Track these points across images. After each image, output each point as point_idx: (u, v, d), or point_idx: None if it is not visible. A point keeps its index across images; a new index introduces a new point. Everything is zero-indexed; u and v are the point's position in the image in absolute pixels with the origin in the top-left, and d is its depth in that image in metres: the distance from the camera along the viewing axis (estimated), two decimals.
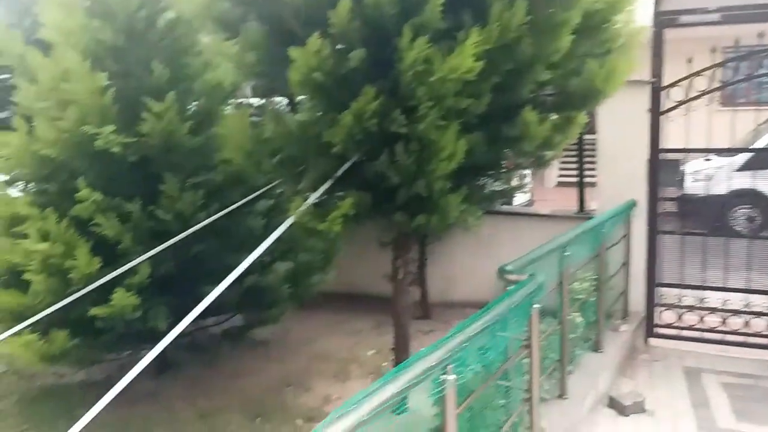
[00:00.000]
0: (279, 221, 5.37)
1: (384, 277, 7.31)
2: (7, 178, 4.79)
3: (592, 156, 6.80)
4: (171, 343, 5.37)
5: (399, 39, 2.95)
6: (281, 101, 4.37)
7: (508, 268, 3.38)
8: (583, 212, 6.96)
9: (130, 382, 5.44)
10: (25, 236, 4.25)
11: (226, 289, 4.53)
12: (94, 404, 5.03)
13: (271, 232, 5.22)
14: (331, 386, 5.39)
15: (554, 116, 3.82)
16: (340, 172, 3.69)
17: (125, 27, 4.28)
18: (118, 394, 5.08)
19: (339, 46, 3.18)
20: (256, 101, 4.86)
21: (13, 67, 4.82)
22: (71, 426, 4.64)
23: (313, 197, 3.72)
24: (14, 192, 4.92)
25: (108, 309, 3.89)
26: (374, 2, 2.90)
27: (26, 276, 3.99)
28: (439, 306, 7.26)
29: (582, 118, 4.21)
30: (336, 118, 3.30)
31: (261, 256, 4.96)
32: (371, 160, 3.51)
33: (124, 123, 4.14)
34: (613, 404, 4.78)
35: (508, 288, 3.24)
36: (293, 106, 4.24)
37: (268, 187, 4.26)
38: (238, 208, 4.67)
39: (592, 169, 6.95)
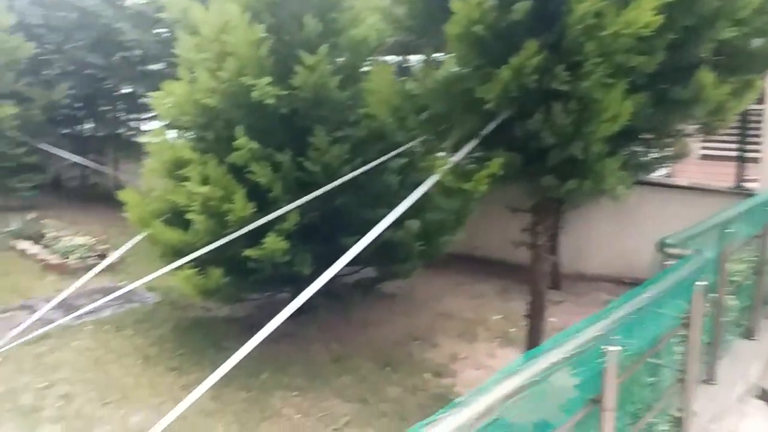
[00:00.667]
0: (413, 179, 5.40)
1: (512, 242, 7.18)
2: (167, 124, 5.18)
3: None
4: (309, 288, 5.65)
5: None
6: (425, 57, 4.32)
7: (670, 241, 3.15)
8: (739, 188, 6.34)
9: (268, 322, 5.80)
10: (185, 179, 4.60)
11: (355, 243, 4.67)
12: (237, 337, 5.44)
13: (405, 190, 5.27)
14: (458, 345, 5.42)
15: (731, 79, 3.44)
16: (488, 130, 3.59)
17: None
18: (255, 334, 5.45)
19: None
20: (396, 59, 4.86)
21: (175, 21, 5.14)
22: (218, 354, 5.06)
23: (459, 155, 3.66)
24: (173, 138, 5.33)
25: (260, 251, 4.13)
26: None
27: (188, 216, 4.32)
28: (569, 277, 7.02)
29: (760, 83, 3.78)
30: (491, 73, 3.20)
31: (382, 213, 5.04)
32: (523, 119, 3.38)
33: (278, 75, 4.29)
34: (765, 396, 4.40)
35: (668, 262, 3.03)
36: (439, 61, 4.17)
37: (411, 144, 4.25)
38: (365, 162, 4.73)
39: (755, 143, 6.28)
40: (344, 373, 4.77)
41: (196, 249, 4.39)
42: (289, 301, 5.97)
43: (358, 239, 4.63)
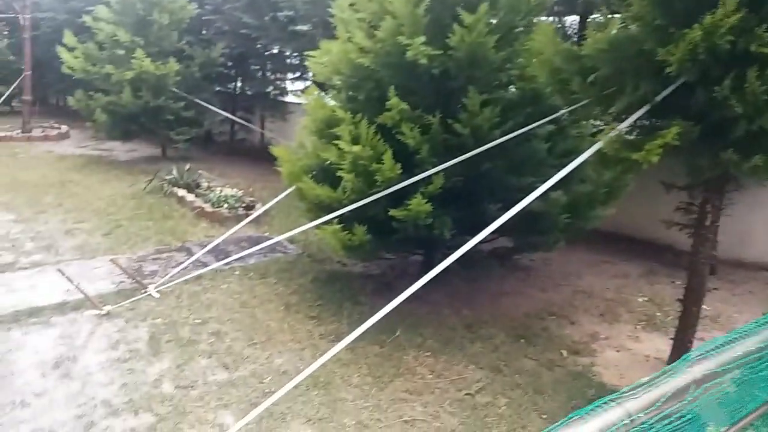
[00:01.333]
0: (561, 147, 5.14)
1: (663, 222, 6.66)
2: (320, 84, 5.30)
3: None
4: (441, 252, 5.63)
5: None
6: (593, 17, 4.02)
7: None
8: None
9: (400, 282, 5.87)
10: (336, 138, 4.70)
11: (502, 210, 4.52)
12: (372, 293, 5.58)
13: (552, 158, 5.02)
14: (598, 324, 5.18)
15: None
16: (662, 96, 3.29)
17: None
18: (393, 293, 5.53)
19: None
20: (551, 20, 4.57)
21: None
22: (354, 308, 5.22)
23: (629, 121, 3.40)
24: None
25: (404, 212, 4.15)
26: None
27: (338, 174, 4.43)
28: (726, 263, 6.42)
29: None
30: (676, 33, 2.89)
31: (541, 181, 4.81)
32: (707, 85, 3.05)
33: (433, 35, 4.21)
34: None
35: None
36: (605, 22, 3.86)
37: (570, 108, 4.00)
38: (515, 127, 4.53)
39: None
40: (477, 341, 4.73)
41: (343, 206, 4.51)
42: (422, 264, 6.05)
43: (501, 206, 4.53)
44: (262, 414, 3.51)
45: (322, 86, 5.28)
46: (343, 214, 4.46)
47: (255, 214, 5.78)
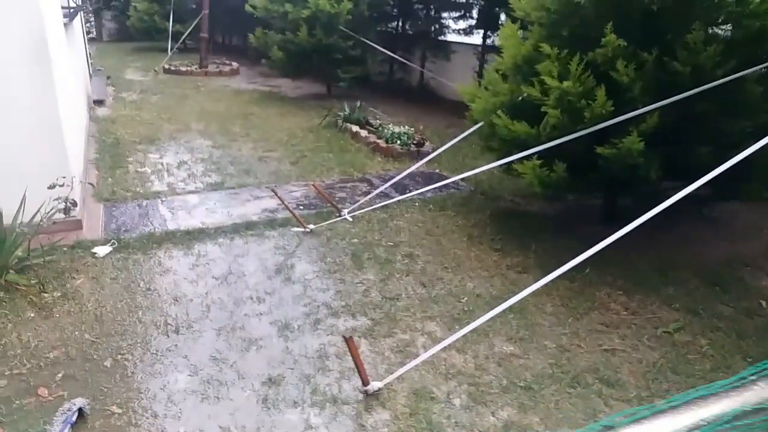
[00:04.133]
0: None
1: None
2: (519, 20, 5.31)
3: None
4: (626, 194, 5.56)
5: None
6: None
7: None
8: None
9: (578, 224, 5.91)
10: (535, 74, 4.76)
11: (713, 154, 4.38)
12: (553, 231, 5.69)
13: (765, 103, 4.71)
14: None
15: None
16: None
17: None
18: (571, 234, 5.60)
19: None
20: None
21: None
22: (538, 244, 5.37)
23: None
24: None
25: (614, 150, 4.17)
26: None
27: (543, 109, 4.51)
28: None
29: None
30: None
31: (753, 126, 4.57)
32: None
33: None
34: None
35: None
36: None
37: None
38: (736, 68, 4.29)
39: None
40: (669, 284, 4.71)
41: (540, 143, 4.60)
42: (601, 208, 6.02)
43: (711, 150, 4.38)
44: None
45: (517, 23, 5.28)
46: (540, 150, 4.55)
47: (437, 152, 6.01)
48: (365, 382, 3.32)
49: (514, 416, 3.23)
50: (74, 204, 5.06)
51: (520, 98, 5.04)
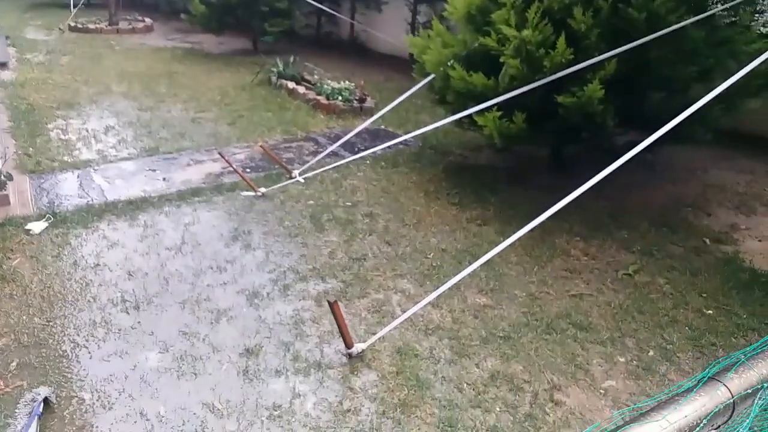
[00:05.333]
0: (713, 38, 4.97)
1: None
2: None
3: None
4: (575, 143, 5.67)
5: None
6: None
7: None
8: None
9: (529, 174, 6.00)
10: (488, 23, 4.69)
11: (666, 100, 4.50)
12: (507, 183, 5.74)
13: (705, 47, 4.87)
14: (734, 216, 5.25)
15: None
16: None
17: None
18: (524, 184, 5.68)
19: None
20: None
21: None
22: (495, 196, 5.40)
23: None
24: None
25: (574, 99, 4.19)
26: None
27: (502, 59, 4.45)
28: None
29: None
30: None
31: (698, 71, 4.73)
32: None
33: None
34: None
35: None
36: None
37: None
38: (683, 15, 4.40)
39: None
40: (622, 228, 4.89)
41: (498, 94, 4.56)
42: (549, 157, 6.12)
43: (665, 96, 4.50)
44: (437, 285, 3.81)
45: None
46: (499, 102, 4.52)
47: (388, 107, 5.85)
48: (349, 345, 3.25)
49: (498, 366, 3.27)
50: (10, 177, 4.58)
51: (474, 46, 4.95)
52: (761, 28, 6.16)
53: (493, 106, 4.49)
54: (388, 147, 6.54)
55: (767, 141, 7.19)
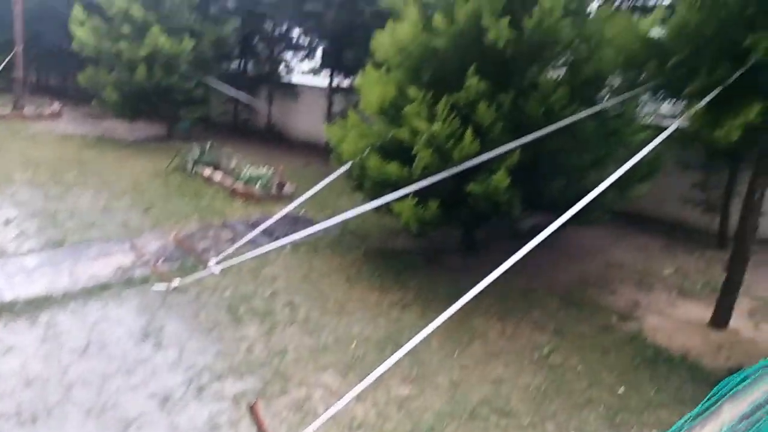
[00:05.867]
0: (604, 129, 5.46)
1: (680, 200, 7.11)
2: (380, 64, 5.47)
3: None
4: (482, 227, 5.91)
5: None
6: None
7: None
8: None
9: (444, 257, 6.16)
10: (400, 116, 4.92)
11: (566, 187, 4.83)
12: (425, 266, 5.86)
13: (598, 138, 5.33)
14: (635, 293, 5.58)
15: None
16: (735, 76, 3.62)
17: None
18: (440, 266, 5.82)
19: None
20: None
21: None
22: (414, 279, 5.49)
23: (705, 100, 3.72)
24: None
25: (483, 187, 4.41)
26: None
27: (415, 151, 4.65)
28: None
29: None
30: (759, 21, 3.21)
31: (592, 159, 5.14)
32: None
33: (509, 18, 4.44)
34: None
35: None
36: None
37: (636, 91, 4.32)
38: (577, 108, 4.82)
39: None
40: (535, 308, 5.07)
41: (412, 182, 4.73)
42: (461, 241, 6.34)
43: (564, 183, 4.83)
44: (361, 375, 3.75)
45: (377, 66, 5.43)
46: (414, 190, 4.69)
47: (308, 193, 5.90)
48: None
49: None
50: None
51: (388, 138, 5.15)
52: (646, 120, 6.85)
53: (408, 194, 4.64)
54: (309, 233, 6.56)
55: (659, 221, 7.85)
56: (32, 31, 14.11)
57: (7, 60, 14.27)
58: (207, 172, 8.47)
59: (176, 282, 5.13)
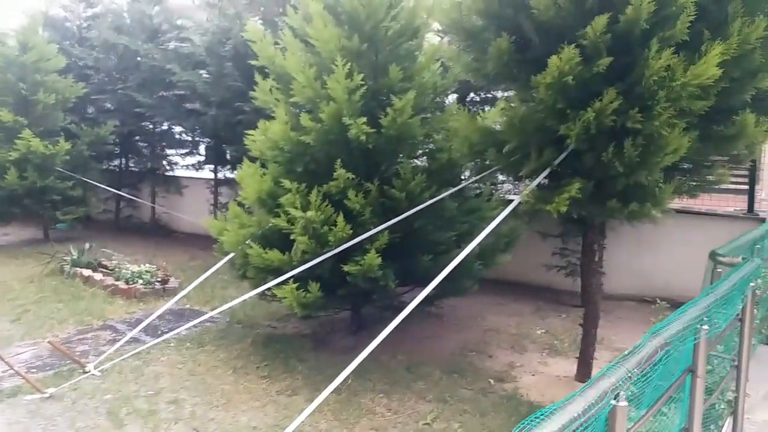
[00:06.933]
0: (465, 206, 6.06)
1: (544, 266, 7.86)
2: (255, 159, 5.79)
3: None
4: (368, 305, 6.21)
5: (646, 50, 3.49)
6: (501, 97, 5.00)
7: (721, 252, 3.82)
8: (752, 213, 7.10)
9: (334, 338, 6.35)
10: (278, 206, 5.22)
11: (432, 261, 5.28)
12: (313, 350, 6.01)
13: (461, 215, 5.91)
14: (511, 355, 6.01)
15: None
16: (559, 160, 4.28)
17: (369, 35, 5.12)
18: (329, 348, 6.00)
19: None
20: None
21: (263, 67, 5.82)
22: (302, 364, 5.62)
23: (539, 178, 4.33)
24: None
25: (358, 267, 4.73)
26: (629, 19, 3.45)
27: (292, 237, 4.92)
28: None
29: None
30: (573, 114, 3.89)
31: (456, 235, 5.66)
32: (596, 151, 4.07)
33: (368, 116, 4.96)
34: None
35: (719, 270, 3.69)
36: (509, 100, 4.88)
37: (485, 173, 4.92)
38: (437, 191, 5.38)
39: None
40: (418, 379, 5.33)
41: (293, 267, 4.98)
42: (350, 319, 6.57)
43: (431, 258, 5.28)
44: None
45: (253, 161, 5.75)
46: (295, 274, 4.92)
47: (189, 287, 5.96)
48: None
49: None
50: None
51: (268, 227, 5.40)
52: (504, 196, 7.63)
53: (289, 278, 4.86)
54: (194, 326, 6.51)
55: (529, 286, 8.55)
56: None
57: None
58: (86, 272, 8.18)
59: (50, 390, 4.90)
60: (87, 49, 11.35)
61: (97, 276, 8.04)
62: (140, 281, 7.66)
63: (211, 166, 11.00)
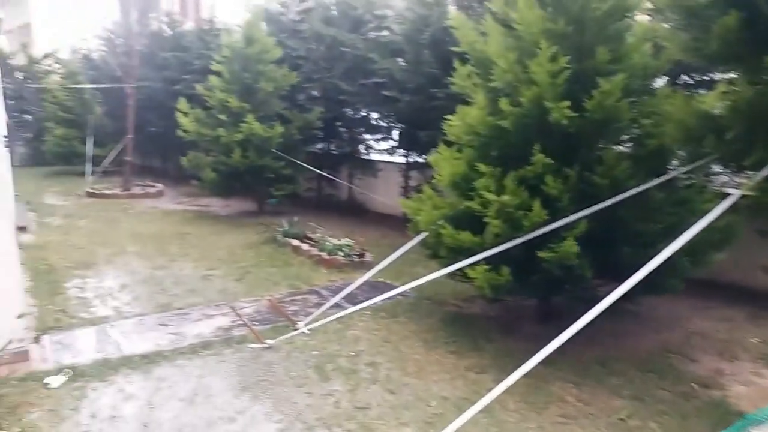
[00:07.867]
0: (674, 197, 5.62)
1: (762, 268, 7.00)
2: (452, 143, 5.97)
3: None
4: (559, 295, 6.07)
5: None
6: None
7: None
8: None
9: (520, 324, 6.33)
10: (471, 189, 5.35)
11: (635, 254, 5.01)
12: (500, 331, 6.07)
13: (668, 206, 5.49)
14: (718, 362, 5.51)
15: None
16: None
17: (576, 17, 4.98)
18: (516, 333, 6.00)
19: None
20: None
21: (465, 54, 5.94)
22: (489, 344, 5.71)
23: (765, 171, 3.90)
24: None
25: (553, 254, 4.70)
26: None
27: (485, 220, 5.03)
28: None
29: None
30: None
31: (662, 227, 5.29)
32: None
33: (571, 100, 4.85)
34: None
35: None
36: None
37: (700, 162, 4.55)
38: (643, 179, 5.06)
39: None
40: (611, 375, 5.14)
41: (484, 249, 5.08)
42: (537, 307, 6.50)
43: (633, 251, 5.02)
44: None
45: (449, 145, 5.92)
46: (486, 256, 5.02)
47: (386, 262, 6.35)
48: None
49: None
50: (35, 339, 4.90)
51: (461, 209, 5.56)
52: (718, 189, 6.92)
53: (481, 260, 4.98)
54: (388, 298, 6.95)
55: (744, 289, 7.67)
56: (139, 121, 15.87)
57: (120, 147, 16.09)
58: (295, 243, 9.14)
59: (269, 341, 5.61)
60: (299, 41, 12.50)
61: (304, 246, 8.94)
62: (340, 253, 8.36)
63: (403, 151, 11.49)
